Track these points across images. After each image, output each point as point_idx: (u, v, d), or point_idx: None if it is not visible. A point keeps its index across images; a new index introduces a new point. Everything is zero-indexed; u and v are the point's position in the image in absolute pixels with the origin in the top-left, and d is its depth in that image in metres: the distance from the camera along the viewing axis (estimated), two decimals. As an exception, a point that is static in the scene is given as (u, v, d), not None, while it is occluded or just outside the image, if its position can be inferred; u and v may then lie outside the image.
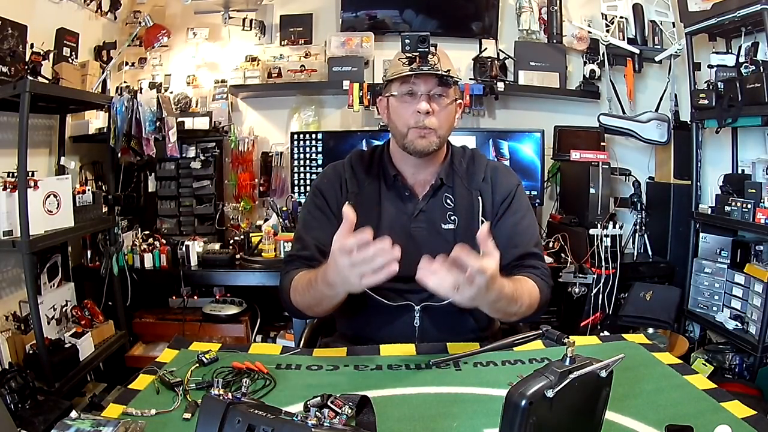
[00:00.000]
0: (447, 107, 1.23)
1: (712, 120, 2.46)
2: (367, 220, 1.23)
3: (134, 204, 2.78)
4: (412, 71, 1.18)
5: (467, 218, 1.27)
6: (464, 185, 1.29)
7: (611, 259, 2.44)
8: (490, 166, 1.34)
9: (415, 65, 1.18)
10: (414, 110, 1.21)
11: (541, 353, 1.10)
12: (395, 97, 1.24)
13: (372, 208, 1.28)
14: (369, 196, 1.29)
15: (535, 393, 0.63)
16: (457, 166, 1.31)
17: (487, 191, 1.29)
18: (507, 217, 1.28)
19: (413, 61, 1.19)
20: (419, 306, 1.25)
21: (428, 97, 1.20)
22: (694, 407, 0.88)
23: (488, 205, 1.28)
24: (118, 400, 0.89)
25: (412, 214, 1.28)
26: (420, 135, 1.22)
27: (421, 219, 1.28)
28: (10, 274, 2.15)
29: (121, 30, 2.88)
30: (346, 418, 0.77)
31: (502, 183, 1.31)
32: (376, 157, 1.34)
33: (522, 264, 1.25)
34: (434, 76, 1.20)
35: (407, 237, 1.26)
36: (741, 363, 2.38)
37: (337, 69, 2.80)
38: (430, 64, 1.18)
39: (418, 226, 1.27)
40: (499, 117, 3.02)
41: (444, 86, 1.21)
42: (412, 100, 1.22)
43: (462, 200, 1.28)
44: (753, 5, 2.17)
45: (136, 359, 2.48)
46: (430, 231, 1.27)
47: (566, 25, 2.91)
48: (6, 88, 1.87)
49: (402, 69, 1.20)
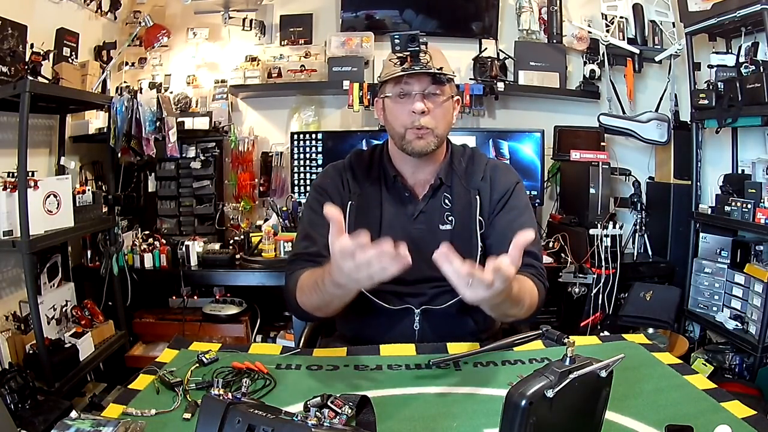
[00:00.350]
0: (443, 105, 1.22)
1: (712, 120, 2.46)
2: (369, 222, 1.24)
3: (134, 204, 2.78)
4: (404, 71, 1.17)
5: (464, 218, 1.26)
6: (462, 185, 1.28)
7: (611, 259, 2.44)
8: (490, 164, 1.32)
9: (407, 65, 1.17)
10: (409, 110, 1.19)
11: (541, 353, 1.10)
12: (390, 98, 1.23)
13: (373, 210, 1.27)
14: (370, 197, 1.28)
15: (535, 393, 0.63)
16: (456, 165, 1.30)
17: (485, 190, 1.28)
18: (503, 215, 1.27)
19: (405, 60, 1.17)
20: (419, 309, 1.24)
21: (423, 96, 1.19)
22: (694, 407, 0.88)
23: (486, 204, 1.27)
24: (118, 400, 0.89)
25: (412, 216, 1.28)
26: (417, 136, 1.20)
27: (420, 220, 1.27)
28: (10, 274, 2.15)
29: (121, 30, 2.88)
30: (346, 418, 0.77)
31: (501, 181, 1.29)
32: (376, 158, 1.33)
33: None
34: (427, 75, 1.18)
35: (408, 239, 1.25)
36: (741, 363, 2.38)
37: (337, 69, 2.80)
38: (422, 63, 1.17)
39: (418, 228, 1.27)
40: (499, 117, 3.02)
41: (438, 84, 1.20)
42: (406, 100, 1.21)
43: (459, 200, 1.27)
44: (753, 5, 2.17)
45: (136, 359, 2.48)
46: (428, 232, 1.26)
47: (566, 25, 2.91)
48: (6, 88, 1.87)
49: (394, 69, 1.19)
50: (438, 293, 1.24)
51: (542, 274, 1.24)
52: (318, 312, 1.15)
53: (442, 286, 1.24)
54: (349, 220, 1.24)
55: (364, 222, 1.23)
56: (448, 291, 1.23)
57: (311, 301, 1.12)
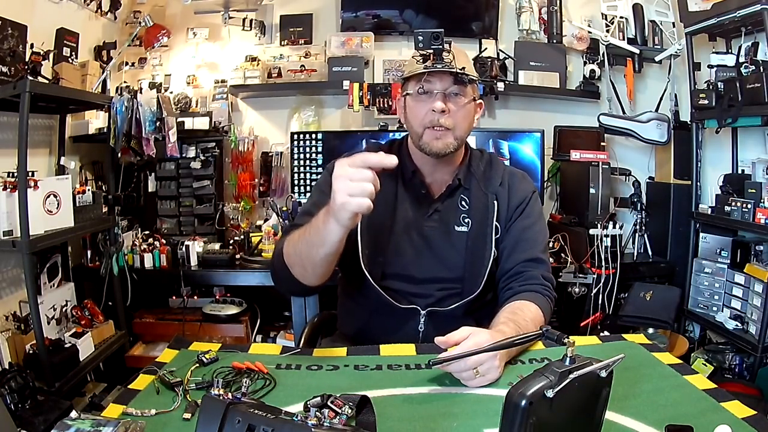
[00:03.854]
0: (464, 107, 1.20)
1: (712, 120, 2.46)
2: (383, 215, 1.23)
3: (134, 204, 2.78)
4: (426, 69, 1.15)
5: (481, 221, 1.25)
6: (481, 188, 1.27)
7: (611, 259, 2.44)
8: (507, 171, 1.33)
9: (430, 63, 1.15)
10: (429, 109, 1.18)
11: (541, 353, 1.10)
12: (411, 95, 1.22)
13: (388, 205, 1.26)
14: (385, 191, 1.25)
15: (535, 393, 0.63)
16: (474, 168, 1.30)
17: (503, 196, 1.27)
18: (519, 222, 1.27)
19: (427, 58, 1.16)
20: (425, 311, 1.24)
21: (444, 95, 1.18)
22: (694, 407, 0.88)
23: (503, 210, 1.27)
24: (118, 400, 0.89)
25: (426, 213, 1.27)
26: (436, 137, 1.19)
27: (435, 219, 1.27)
28: (10, 274, 2.15)
29: (121, 30, 2.88)
30: (346, 418, 0.77)
31: (519, 189, 1.29)
32: (394, 152, 1.30)
33: (524, 271, 1.23)
34: (450, 74, 1.17)
35: (420, 236, 1.26)
36: (741, 363, 2.38)
37: (337, 69, 2.80)
38: (445, 62, 1.15)
39: (431, 226, 1.26)
40: (499, 117, 3.02)
41: (460, 84, 1.18)
42: (427, 98, 1.19)
43: (477, 203, 1.26)
44: (753, 5, 2.17)
45: (136, 359, 2.48)
46: (442, 232, 1.26)
47: (566, 25, 2.91)
48: (6, 88, 1.87)
49: (417, 67, 1.17)
50: (445, 296, 1.24)
51: (547, 287, 1.23)
52: (297, 268, 1.11)
53: (450, 288, 1.24)
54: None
55: (377, 213, 1.21)
56: (455, 294, 1.24)
57: (296, 249, 1.09)
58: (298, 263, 1.10)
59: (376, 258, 1.23)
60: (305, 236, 1.06)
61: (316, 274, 1.10)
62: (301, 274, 1.11)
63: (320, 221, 1.00)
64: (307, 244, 1.06)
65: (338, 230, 0.97)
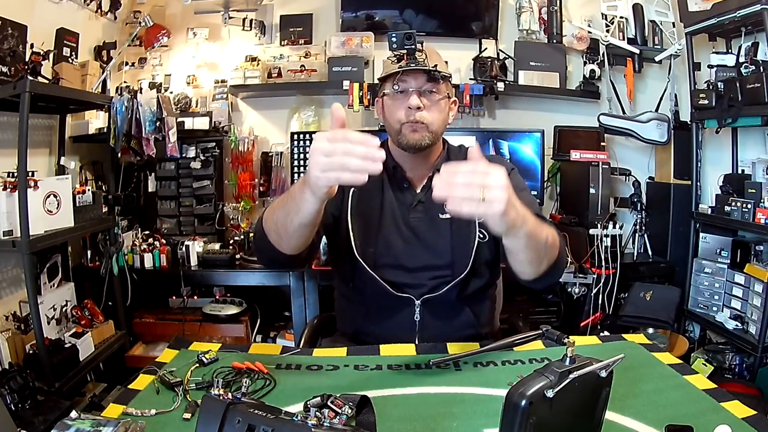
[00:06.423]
0: (438, 102, 1.25)
1: (712, 120, 2.46)
2: (370, 206, 1.29)
3: (134, 204, 2.78)
4: (401, 68, 1.21)
5: None
6: None
7: (611, 259, 2.44)
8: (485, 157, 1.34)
9: (404, 62, 1.21)
10: (405, 106, 1.23)
11: (541, 353, 1.10)
12: (387, 95, 1.28)
13: (375, 196, 1.31)
14: (372, 183, 1.27)
15: (535, 393, 0.63)
16: (453, 159, 1.33)
17: None
18: None
19: (402, 59, 1.22)
20: (419, 300, 1.27)
21: (419, 92, 1.23)
22: (694, 407, 0.88)
23: None
24: (118, 400, 0.90)
25: (410, 205, 1.32)
26: (412, 129, 1.24)
27: (419, 209, 1.31)
28: (10, 274, 2.15)
29: (121, 30, 2.87)
30: (346, 418, 0.77)
31: None
32: None
33: None
34: (423, 72, 1.22)
35: (407, 227, 1.30)
36: (741, 363, 2.38)
37: (337, 69, 2.80)
38: (419, 61, 1.21)
39: (417, 217, 1.31)
40: (499, 117, 3.02)
41: (433, 82, 1.24)
42: (403, 97, 1.25)
43: None
44: (753, 5, 2.17)
45: (136, 359, 2.48)
46: (428, 221, 1.30)
47: (566, 25, 2.91)
48: (6, 88, 1.87)
49: (391, 67, 1.24)
50: (437, 284, 1.27)
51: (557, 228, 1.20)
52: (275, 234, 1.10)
53: (440, 276, 1.28)
54: (351, 203, 1.28)
55: (365, 206, 1.29)
56: (446, 281, 1.27)
57: (275, 215, 1.09)
58: (273, 229, 1.10)
59: (367, 248, 1.28)
60: (283, 203, 1.08)
61: (290, 244, 1.09)
62: (276, 241, 1.11)
63: (297, 190, 1.02)
64: (284, 211, 1.06)
65: (313, 200, 0.97)
